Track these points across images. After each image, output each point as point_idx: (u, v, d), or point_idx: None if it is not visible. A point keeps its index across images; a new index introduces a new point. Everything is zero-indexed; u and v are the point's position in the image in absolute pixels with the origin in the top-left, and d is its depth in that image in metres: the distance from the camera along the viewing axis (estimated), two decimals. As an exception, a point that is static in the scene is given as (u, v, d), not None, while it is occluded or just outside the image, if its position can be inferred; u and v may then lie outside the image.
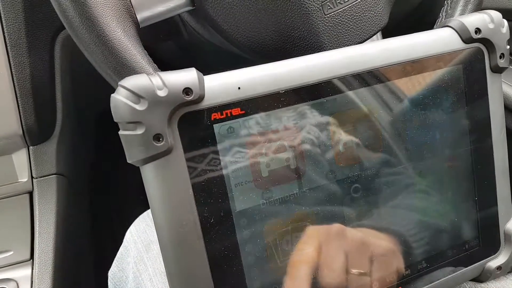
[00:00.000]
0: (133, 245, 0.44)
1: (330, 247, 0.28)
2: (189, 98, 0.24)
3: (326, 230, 0.28)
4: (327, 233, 0.28)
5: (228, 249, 0.26)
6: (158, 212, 0.25)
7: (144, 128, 0.24)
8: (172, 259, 0.26)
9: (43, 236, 0.52)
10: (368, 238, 0.29)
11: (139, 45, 0.30)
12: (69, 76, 0.52)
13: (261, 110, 0.26)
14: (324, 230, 0.28)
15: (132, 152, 0.24)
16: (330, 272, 0.27)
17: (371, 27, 0.35)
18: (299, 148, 0.28)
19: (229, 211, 0.26)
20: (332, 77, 0.28)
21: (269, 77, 0.26)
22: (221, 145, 0.26)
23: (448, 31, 0.31)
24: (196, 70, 0.25)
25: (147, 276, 0.40)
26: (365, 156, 0.29)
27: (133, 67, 0.28)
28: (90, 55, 0.29)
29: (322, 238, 0.28)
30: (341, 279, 0.28)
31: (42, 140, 0.51)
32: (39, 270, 0.50)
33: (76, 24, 0.29)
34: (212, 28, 0.35)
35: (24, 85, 0.46)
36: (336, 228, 0.28)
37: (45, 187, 0.52)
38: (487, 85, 0.32)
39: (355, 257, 0.28)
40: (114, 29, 0.29)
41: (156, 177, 0.25)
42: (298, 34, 0.33)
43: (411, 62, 0.30)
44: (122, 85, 0.24)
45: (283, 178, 0.27)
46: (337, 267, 0.27)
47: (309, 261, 0.27)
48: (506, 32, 0.32)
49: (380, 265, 0.29)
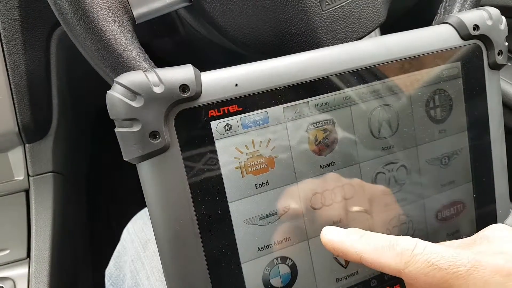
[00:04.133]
0: (130, 243, 0.43)
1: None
2: (185, 95, 0.24)
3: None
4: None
5: (226, 246, 0.26)
6: (155, 210, 0.25)
7: (140, 125, 0.24)
8: (169, 257, 0.25)
9: (39, 235, 0.51)
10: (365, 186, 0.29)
11: (135, 42, 0.29)
12: (65, 73, 0.51)
13: (258, 107, 0.26)
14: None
15: (128, 149, 0.24)
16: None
17: (369, 24, 0.35)
18: (296, 144, 0.27)
19: (226, 208, 0.26)
20: (330, 74, 0.28)
21: (267, 73, 0.26)
22: (218, 142, 0.26)
23: (446, 27, 0.31)
24: (193, 67, 0.25)
25: (145, 274, 0.40)
26: (362, 153, 0.29)
27: (129, 64, 0.28)
28: (85, 52, 0.29)
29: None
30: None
31: (38, 138, 0.51)
32: (36, 269, 0.50)
33: (71, 20, 0.28)
34: (209, 25, 0.34)
35: (20, 82, 0.46)
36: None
37: (42, 185, 0.52)
38: (485, 82, 0.32)
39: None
40: (110, 25, 0.28)
41: (153, 175, 0.24)
42: (296, 30, 0.33)
43: (409, 59, 0.29)
44: (118, 82, 0.24)
45: (281, 175, 0.27)
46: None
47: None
48: (504, 29, 0.32)
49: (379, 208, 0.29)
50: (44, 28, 0.46)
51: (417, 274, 0.21)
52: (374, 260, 0.23)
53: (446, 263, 0.21)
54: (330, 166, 0.28)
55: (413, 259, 0.21)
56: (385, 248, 0.23)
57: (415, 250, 0.22)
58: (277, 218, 0.27)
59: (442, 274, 0.21)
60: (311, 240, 0.28)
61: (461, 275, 0.20)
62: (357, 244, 0.24)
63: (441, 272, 0.21)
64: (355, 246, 0.24)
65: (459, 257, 0.21)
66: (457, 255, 0.21)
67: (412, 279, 0.22)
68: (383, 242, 0.23)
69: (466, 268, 0.21)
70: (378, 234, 0.25)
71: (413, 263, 0.21)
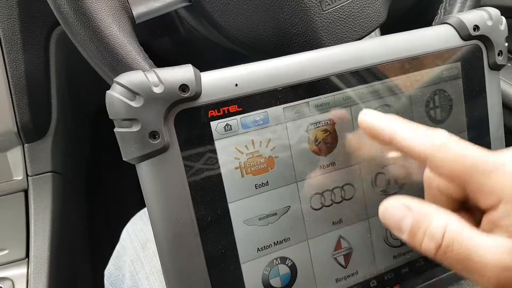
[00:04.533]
0: (130, 243, 0.43)
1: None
2: (185, 95, 0.24)
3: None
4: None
5: (225, 247, 0.26)
6: (154, 210, 0.25)
7: (140, 125, 0.23)
8: (168, 257, 0.25)
9: (38, 235, 0.51)
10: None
11: (134, 41, 0.29)
12: (65, 73, 0.51)
13: (258, 107, 0.26)
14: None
15: (128, 149, 0.24)
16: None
17: (369, 24, 0.35)
18: (296, 145, 0.27)
19: (226, 209, 0.26)
20: (330, 74, 0.28)
21: (267, 74, 0.26)
22: (218, 143, 0.25)
23: (447, 28, 0.31)
24: (192, 67, 0.25)
25: (144, 275, 0.40)
26: (363, 153, 0.29)
27: (128, 64, 0.28)
28: (85, 52, 0.29)
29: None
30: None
31: (37, 138, 0.51)
32: (35, 269, 0.50)
33: (71, 20, 0.28)
34: (209, 24, 0.34)
35: (19, 82, 0.46)
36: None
37: (40, 185, 0.52)
38: (485, 82, 0.32)
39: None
40: (110, 25, 0.28)
41: (152, 175, 0.24)
42: (296, 30, 0.33)
43: (410, 59, 0.29)
44: (118, 82, 0.24)
45: (281, 175, 0.27)
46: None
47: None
48: (505, 29, 0.32)
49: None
50: (43, 28, 0.46)
51: (444, 160, 0.22)
52: (406, 141, 0.23)
53: (475, 156, 0.22)
54: (330, 167, 0.28)
55: (444, 146, 0.22)
56: (420, 132, 0.23)
57: (448, 140, 0.23)
58: (277, 219, 0.27)
59: (468, 165, 0.21)
60: (311, 240, 0.28)
61: (485, 170, 0.21)
62: (395, 124, 0.24)
63: (467, 164, 0.21)
64: (391, 125, 0.24)
65: (487, 154, 0.22)
66: (486, 153, 0.22)
67: (437, 165, 0.22)
68: (419, 127, 0.24)
69: (491, 164, 0.21)
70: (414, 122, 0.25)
71: (443, 150, 0.22)
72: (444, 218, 0.22)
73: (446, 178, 0.23)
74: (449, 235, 0.21)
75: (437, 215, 0.22)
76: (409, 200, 0.23)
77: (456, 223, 0.21)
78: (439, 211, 0.22)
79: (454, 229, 0.21)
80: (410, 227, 0.22)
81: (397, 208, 0.23)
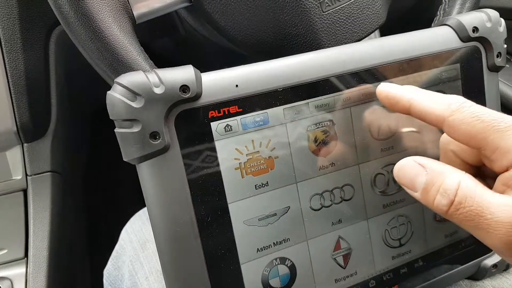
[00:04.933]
0: (129, 243, 0.43)
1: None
2: (186, 96, 0.24)
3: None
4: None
5: (225, 247, 0.26)
6: (154, 210, 0.25)
7: (141, 125, 0.24)
8: (168, 258, 0.25)
9: (37, 234, 0.51)
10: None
11: (135, 42, 0.29)
12: (64, 73, 0.51)
13: (258, 108, 0.26)
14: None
15: (128, 150, 0.24)
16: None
17: (369, 25, 0.35)
18: (296, 145, 0.27)
19: (226, 209, 0.26)
20: (330, 75, 0.28)
21: (267, 74, 0.26)
22: (218, 143, 0.26)
23: (446, 29, 0.31)
24: (193, 67, 0.25)
25: (143, 275, 0.40)
26: (362, 154, 0.29)
27: (129, 64, 0.28)
28: (85, 52, 0.29)
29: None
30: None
31: (37, 137, 0.51)
32: (34, 269, 0.50)
33: (71, 20, 0.28)
34: (209, 25, 0.34)
35: (19, 82, 0.46)
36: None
37: (40, 185, 0.52)
38: (484, 83, 0.32)
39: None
40: (110, 25, 0.28)
41: (153, 176, 0.24)
42: (296, 31, 0.33)
43: (409, 61, 0.30)
44: (118, 82, 0.24)
45: (281, 176, 0.27)
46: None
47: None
48: (503, 31, 0.32)
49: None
50: (43, 27, 0.46)
51: (459, 122, 0.22)
52: (423, 106, 0.24)
53: (490, 117, 0.22)
54: (329, 167, 0.28)
55: (460, 109, 0.23)
56: (436, 97, 0.24)
57: (464, 103, 0.23)
58: (276, 219, 0.27)
59: (483, 126, 0.22)
60: (310, 240, 0.28)
61: (500, 129, 0.22)
62: (411, 91, 0.25)
63: (482, 124, 0.22)
64: (408, 93, 0.25)
65: (502, 116, 0.23)
66: (500, 115, 0.23)
67: (453, 127, 0.23)
68: (435, 93, 0.25)
69: (506, 124, 0.22)
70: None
71: (459, 112, 0.23)
72: (457, 175, 0.22)
73: (462, 139, 0.23)
74: (462, 191, 0.21)
75: (451, 172, 0.22)
76: (424, 158, 0.23)
77: (469, 181, 0.22)
78: (453, 169, 0.23)
79: (467, 186, 0.22)
80: (424, 184, 0.23)
81: (411, 166, 0.23)
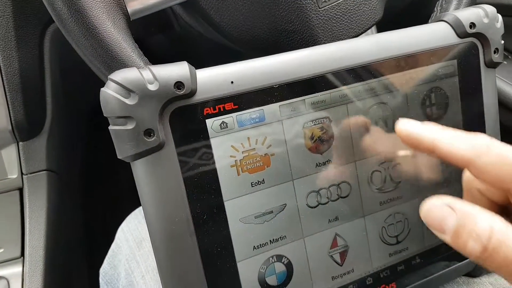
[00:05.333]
0: (125, 242, 0.43)
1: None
2: (180, 93, 0.24)
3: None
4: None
5: (221, 245, 0.26)
6: (149, 209, 0.25)
7: (135, 123, 0.23)
8: (164, 256, 0.25)
9: (33, 233, 0.51)
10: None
11: (129, 38, 0.29)
12: (59, 71, 0.51)
13: (254, 105, 0.26)
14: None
15: (122, 147, 0.24)
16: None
17: (365, 21, 0.35)
18: (292, 142, 0.27)
19: (222, 207, 0.26)
20: (326, 72, 0.27)
21: (263, 71, 0.26)
22: (214, 141, 0.25)
23: (443, 25, 0.31)
24: (188, 64, 0.25)
25: (139, 274, 0.40)
26: (358, 150, 0.29)
27: (123, 61, 0.28)
28: (79, 49, 0.29)
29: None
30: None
31: (32, 136, 0.51)
32: (30, 268, 0.50)
33: (64, 17, 0.28)
34: (204, 21, 0.34)
35: (13, 80, 0.45)
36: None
37: (35, 184, 0.52)
38: (481, 80, 0.32)
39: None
40: (104, 21, 0.28)
41: (147, 174, 0.24)
42: (292, 27, 0.33)
43: (406, 57, 0.29)
44: (112, 79, 0.24)
45: (277, 173, 0.27)
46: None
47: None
48: (501, 27, 0.32)
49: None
50: (37, 25, 0.46)
51: (488, 165, 0.22)
52: (447, 148, 0.23)
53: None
54: (326, 164, 0.28)
55: (487, 151, 0.22)
56: (461, 137, 0.23)
57: (490, 144, 0.22)
58: (273, 217, 0.27)
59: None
60: (307, 238, 0.28)
61: None
62: (434, 132, 0.24)
63: (511, 167, 0.21)
64: (431, 133, 0.24)
65: None
66: None
67: (480, 169, 0.22)
68: (459, 133, 0.24)
69: None
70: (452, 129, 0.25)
71: (486, 155, 0.22)
72: (489, 218, 0.21)
73: (490, 182, 0.22)
74: (495, 236, 0.20)
75: (482, 215, 0.21)
76: (452, 199, 0.22)
77: (501, 224, 0.21)
78: (484, 211, 0.21)
79: (500, 230, 0.20)
80: (454, 227, 0.21)
81: (439, 207, 0.22)
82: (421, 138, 0.24)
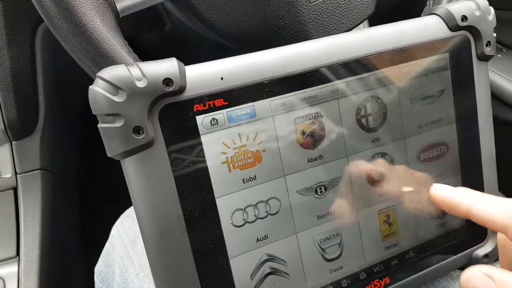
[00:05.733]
0: (119, 240, 0.43)
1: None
2: (169, 89, 0.24)
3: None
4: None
5: (213, 242, 0.26)
6: (140, 207, 0.25)
7: (123, 120, 0.23)
8: (156, 254, 0.25)
9: (29, 233, 0.51)
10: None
11: (118, 35, 0.29)
12: (51, 69, 0.50)
13: (245, 101, 0.26)
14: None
15: (112, 145, 0.24)
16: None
17: (357, 16, 0.35)
18: (284, 138, 0.27)
19: (213, 203, 0.26)
20: (318, 67, 0.27)
21: (253, 67, 0.26)
22: (204, 137, 0.25)
23: (435, 18, 0.31)
24: (176, 60, 0.25)
25: (134, 272, 0.40)
26: (350, 146, 0.29)
27: (112, 58, 0.28)
28: (68, 46, 0.29)
29: None
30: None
31: (25, 135, 0.50)
32: (26, 267, 0.50)
33: (52, 14, 0.28)
34: (195, 17, 0.34)
35: (5, 79, 0.45)
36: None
37: (30, 183, 0.52)
38: (473, 73, 0.32)
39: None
40: (93, 18, 0.28)
41: (137, 171, 0.24)
42: (283, 23, 0.33)
43: (397, 50, 0.29)
44: (100, 76, 0.23)
45: (269, 170, 0.27)
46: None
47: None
48: (493, 20, 0.32)
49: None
50: (28, 24, 0.45)
51: None
52: (483, 213, 0.24)
53: None
54: (318, 160, 0.28)
55: None
56: (496, 202, 0.24)
57: None
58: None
59: None
60: (300, 233, 0.28)
61: None
62: (468, 197, 0.25)
63: None
64: (465, 199, 0.25)
65: None
66: None
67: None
68: (495, 198, 0.24)
69: None
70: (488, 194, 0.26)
71: None
72: None
73: None
74: None
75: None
76: (489, 268, 0.23)
77: None
78: None
79: None
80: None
81: (479, 277, 0.23)
82: (457, 204, 0.25)
